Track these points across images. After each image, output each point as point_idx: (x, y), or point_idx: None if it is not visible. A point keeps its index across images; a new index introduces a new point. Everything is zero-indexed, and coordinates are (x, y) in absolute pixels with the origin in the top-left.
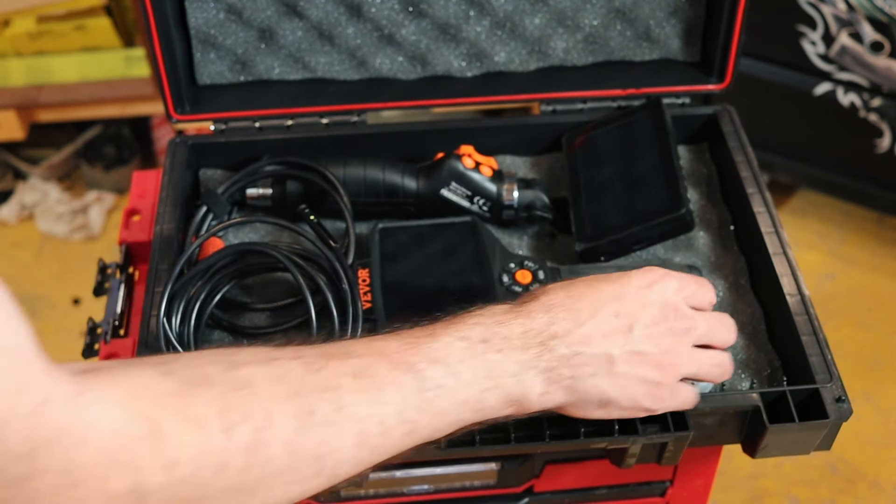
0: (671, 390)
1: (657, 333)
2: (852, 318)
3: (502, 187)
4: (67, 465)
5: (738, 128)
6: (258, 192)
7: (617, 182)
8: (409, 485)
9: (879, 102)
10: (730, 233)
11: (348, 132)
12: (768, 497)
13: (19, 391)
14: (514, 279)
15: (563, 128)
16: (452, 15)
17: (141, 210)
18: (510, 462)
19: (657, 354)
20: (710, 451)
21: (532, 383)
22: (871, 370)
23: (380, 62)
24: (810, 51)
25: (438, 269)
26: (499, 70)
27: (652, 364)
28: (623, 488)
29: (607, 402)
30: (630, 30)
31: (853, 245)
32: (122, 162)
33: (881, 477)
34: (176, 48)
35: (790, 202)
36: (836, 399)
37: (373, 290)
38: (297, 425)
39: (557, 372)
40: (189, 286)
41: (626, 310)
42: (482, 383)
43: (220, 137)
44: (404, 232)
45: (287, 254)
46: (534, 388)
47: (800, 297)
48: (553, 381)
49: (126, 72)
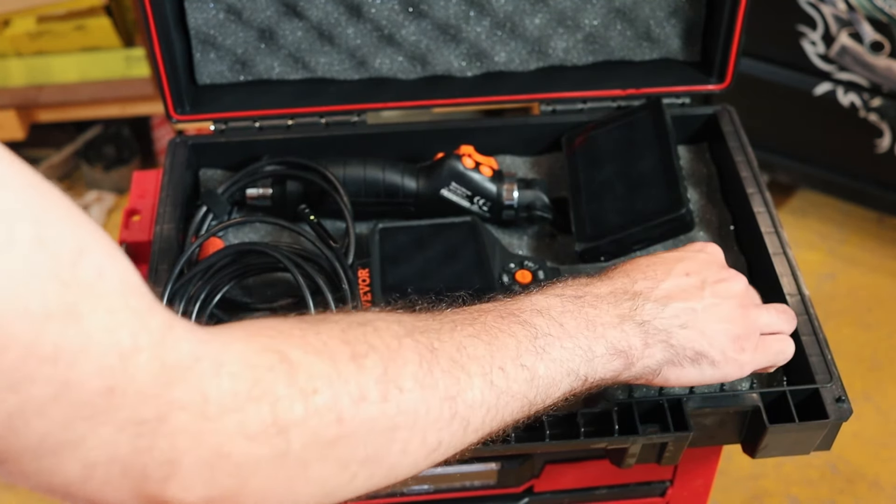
0: (755, 343)
1: (725, 288)
2: (852, 318)
3: (502, 187)
4: (202, 399)
5: (738, 128)
6: (258, 192)
7: (617, 182)
8: (409, 485)
9: (879, 102)
10: (730, 233)
11: (348, 132)
12: (768, 497)
13: (141, 320)
14: (513, 279)
15: (563, 128)
16: (452, 15)
17: (141, 210)
18: (510, 462)
19: (733, 307)
20: (710, 451)
21: (633, 335)
22: (871, 370)
23: (380, 62)
24: (810, 51)
25: (438, 270)
26: (499, 70)
27: (730, 316)
28: (623, 488)
29: (700, 354)
30: (630, 30)
31: (853, 245)
32: (122, 162)
33: (881, 477)
34: (176, 48)
35: (790, 202)
36: (836, 399)
37: (373, 290)
38: (421, 360)
39: (651, 325)
40: (189, 286)
41: (693, 268)
42: (586, 333)
43: (220, 137)
44: (404, 232)
45: (287, 254)
46: (635, 341)
47: (800, 297)
48: (650, 335)
49: (126, 72)
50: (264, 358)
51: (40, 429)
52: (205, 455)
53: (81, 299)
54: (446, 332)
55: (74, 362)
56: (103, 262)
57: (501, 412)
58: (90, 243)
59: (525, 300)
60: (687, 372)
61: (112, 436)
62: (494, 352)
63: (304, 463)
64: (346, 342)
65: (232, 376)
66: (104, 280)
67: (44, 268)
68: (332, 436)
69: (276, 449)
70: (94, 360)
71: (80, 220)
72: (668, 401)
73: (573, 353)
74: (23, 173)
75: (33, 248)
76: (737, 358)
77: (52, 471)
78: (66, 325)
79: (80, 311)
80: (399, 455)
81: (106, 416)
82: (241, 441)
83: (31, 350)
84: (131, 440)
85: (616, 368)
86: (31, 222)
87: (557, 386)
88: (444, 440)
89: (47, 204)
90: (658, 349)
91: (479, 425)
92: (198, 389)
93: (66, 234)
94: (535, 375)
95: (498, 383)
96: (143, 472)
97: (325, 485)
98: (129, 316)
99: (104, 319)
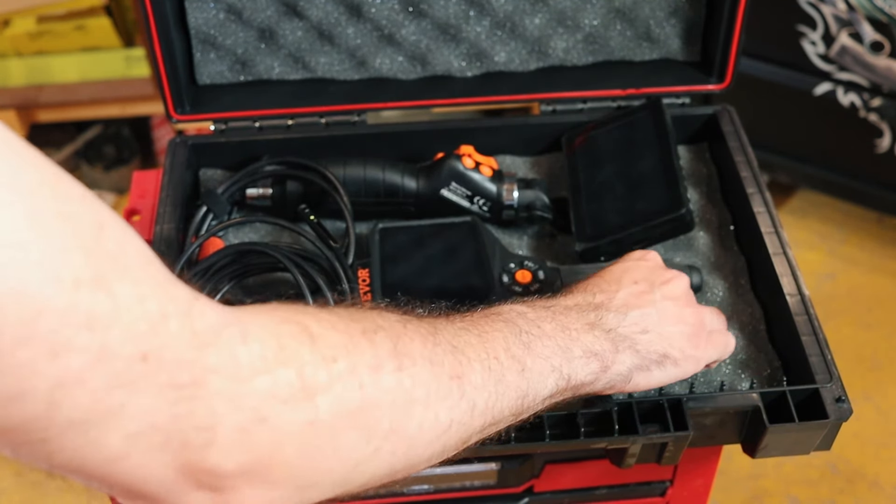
0: (705, 338)
1: (671, 289)
2: (852, 318)
3: (502, 187)
4: (234, 363)
5: (738, 128)
6: (258, 192)
7: (617, 182)
8: (409, 485)
9: (879, 102)
10: (730, 233)
11: (348, 132)
12: (768, 497)
13: (165, 291)
14: (513, 279)
15: (562, 128)
16: (452, 15)
17: (141, 210)
18: (510, 462)
19: (682, 306)
20: (710, 451)
21: (603, 340)
22: (871, 370)
23: (380, 62)
24: (810, 51)
25: (438, 270)
26: (499, 70)
27: (681, 316)
28: (623, 488)
29: (664, 356)
30: (630, 30)
31: (853, 245)
32: (122, 162)
33: (881, 477)
34: (176, 48)
35: (790, 202)
36: (836, 399)
37: (373, 290)
38: (425, 341)
39: (617, 333)
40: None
41: (639, 275)
42: (562, 335)
43: (220, 137)
44: (404, 232)
45: (287, 254)
46: (606, 346)
47: (800, 297)
48: (618, 342)
49: (126, 72)
50: (286, 327)
51: (82, 399)
52: (242, 419)
53: (108, 269)
54: (441, 324)
55: (108, 328)
56: (123, 237)
57: (500, 400)
58: (108, 219)
59: (503, 305)
60: (654, 374)
61: (151, 403)
62: (486, 343)
63: (333, 431)
64: (356, 321)
65: (259, 341)
66: (126, 252)
67: (70, 239)
68: (356, 403)
69: (306, 414)
70: (126, 326)
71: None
72: (668, 401)
73: (554, 351)
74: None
75: (58, 221)
76: (694, 354)
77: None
78: (96, 292)
79: (108, 279)
80: (417, 430)
81: (144, 381)
82: (276, 404)
83: (66, 317)
84: (170, 406)
85: (594, 370)
86: (53, 198)
87: (545, 382)
88: (455, 419)
89: (65, 184)
90: (627, 355)
91: (484, 409)
92: (229, 353)
93: (87, 209)
94: (525, 367)
95: (495, 369)
96: (182, 440)
97: (351, 456)
98: (154, 286)
99: (131, 288)
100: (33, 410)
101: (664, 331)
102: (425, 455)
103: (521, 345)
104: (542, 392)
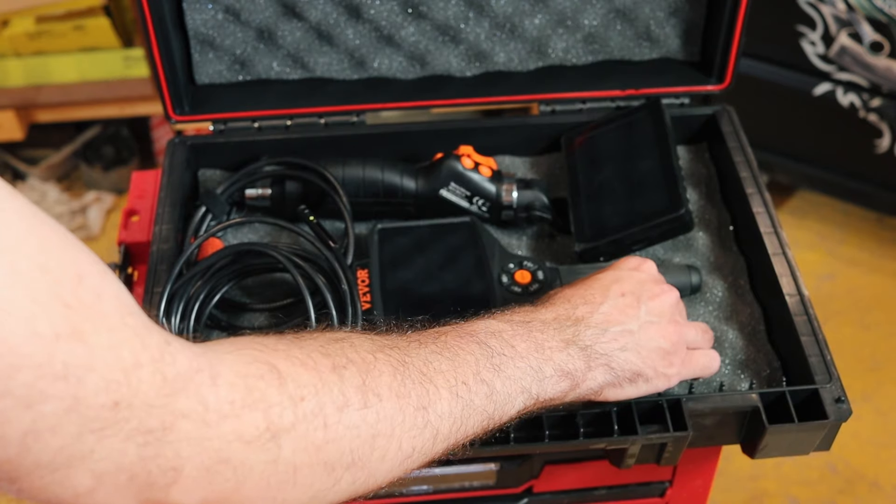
0: (682, 357)
1: (658, 304)
2: (852, 318)
3: (501, 188)
4: (202, 407)
5: (738, 128)
6: (257, 193)
7: (616, 182)
8: (409, 485)
9: (879, 102)
10: (729, 233)
11: (347, 132)
12: (768, 497)
13: (139, 338)
14: (513, 279)
15: (562, 128)
16: (452, 16)
17: (140, 210)
18: (509, 462)
19: (665, 323)
20: (710, 451)
21: (577, 358)
22: (870, 370)
23: (379, 62)
24: (810, 51)
25: (437, 270)
26: (498, 70)
27: (663, 333)
28: (622, 489)
29: (637, 373)
30: (630, 30)
31: (853, 245)
32: (121, 162)
33: (881, 477)
34: (174, 49)
35: (789, 202)
36: (836, 399)
37: (372, 290)
38: (395, 372)
39: (593, 350)
40: (188, 286)
41: (628, 287)
42: (535, 355)
43: (219, 138)
44: (403, 232)
45: (286, 254)
46: (579, 364)
47: (799, 297)
48: (592, 359)
49: (125, 72)
50: (255, 368)
51: (53, 444)
52: (206, 461)
53: (84, 320)
54: (413, 349)
55: (82, 379)
56: (100, 285)
57: (465, 424)
58: (87, 267)
59: (479, 323)
60: (625, 390)
61: (119, 446)
62: (457, 367)
63: (294, 467)
64: (326, 355)
65: (228, 385)
66: (103, 301)
67: (49, 292)
68: (320, 441)
69: (269, 454)
70: (100, 376)
71: (76, 246)
72: (667, 401)
73: (525, 372)
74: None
75: (38, 276)
76: (666, 372)
77: (62, 483)
78: (73, 344)
79: (85, 330)
80: (378, 461)
81: (113, 427)
82: (239, 446)
83: (43, 368)
84: (138, 449)
85: (563, 389)
86: (35, 251)
87: (513, 403)
88: (417, 448)
89: (46, 232)
90: (600, 372)
91: (447, 435)
92: (198, 399)
93: (66, 260)
94: (493, 391)
95: (462, 395)
96: (147, 480)
97: (311, 488)
98: (129, 334)
99: (107, 338)
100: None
101: (642, 348)
102: (386, 480)
103: (492, 368)
104: (509, 412)
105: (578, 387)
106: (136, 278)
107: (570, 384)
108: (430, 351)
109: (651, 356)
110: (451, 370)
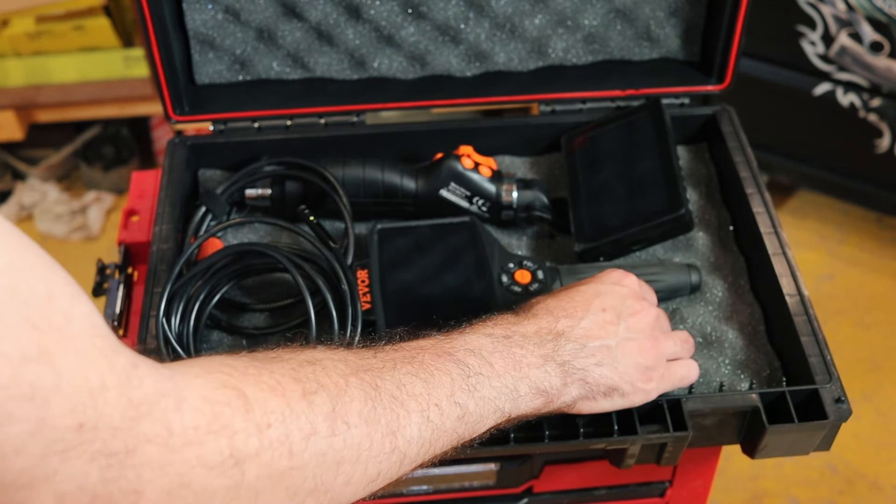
0: (661, 372)
1: (638, 321)
2: (852, 318)
3: (501, 188)
4: (167, 432)
5: (738, 128)
6: (257, 193)
7: (616, 182)
8: (409, 485)
9: (879, 102)
10: (729, 233)
11: (347, 132)
12: (768, 497)
13: (107, 360)
14: (513, 279)
15: (562, 128)
16: (452, 17)
17: (140, 210)
18: (509, 463)
19: (644, 338)
20: (710, 451)
21: (553, 375)
22: (870, 370)
23: (379, 62)
24: (810, 51)
25: (437, 270)
26: (498, 70)
27: (641, 349)
28: (622, 489)
29: (612, 389)
30: (630, 30)
31: (853, 245)
32: (121, 162)
33: (881, 477)
34: (174, 49)
35: (789, 202)
36: (836, 399)
37: (372, 290)
38: (366, 397)
39: (571, 365)
40: (188, 286)
41: (609, 304)
42: (512, 373)
43: (219, 138)
44: (403, 232)
45: (286, 254)
46: (555, 381)
47: (799, 297)
48: (568, 374)
49: (125, 72)
50: (222, 394)
51: (16, 465)
52: (168, 485)
53: (53, 342)
54: (388, 371)
55: (48, 400)
56: (71, 307)
57: (433, 446)
58: (58, 288)
59: (459, 339)
60: (599, 403)
61: (83, 467)
62: (431, 389)
63: (256, 493)
64: (297, 380)
65: (193, 411)
66: (72, 323)
67: (18, 314)
68: (284, 468)
69: (231, 479)
70: (66, 397)
71: (48, 266)
72: (667, 401)
73: (500, 392)
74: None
75: (6, 297)
76: (644, 388)
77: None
78: (40, 366)
79: (52, 352)
80: (343, 486)
81: (77, 449)
82: (201, 472)
83: (9, 390)
84: (100, 471)
85: (537, 406)
86: (5, 271)
87: (484, 422)
88: (383, 471)
89: (19, 252)
90: (575, 387)
91: (414, 458)
92: (163, 423)
93: (37, 280)
94: (466, 412)
95: (433, 419)
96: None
97: None
98: (97, 356)
99: (74, 360)
100: None
101: (619, 364)
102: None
103: (468, 389)
104: (479, 430)
105: (552, 402)
106: (136, 278)
107: (544, 401)
108: (404, 373)
109: (628, 371)
110: (425, 393)
